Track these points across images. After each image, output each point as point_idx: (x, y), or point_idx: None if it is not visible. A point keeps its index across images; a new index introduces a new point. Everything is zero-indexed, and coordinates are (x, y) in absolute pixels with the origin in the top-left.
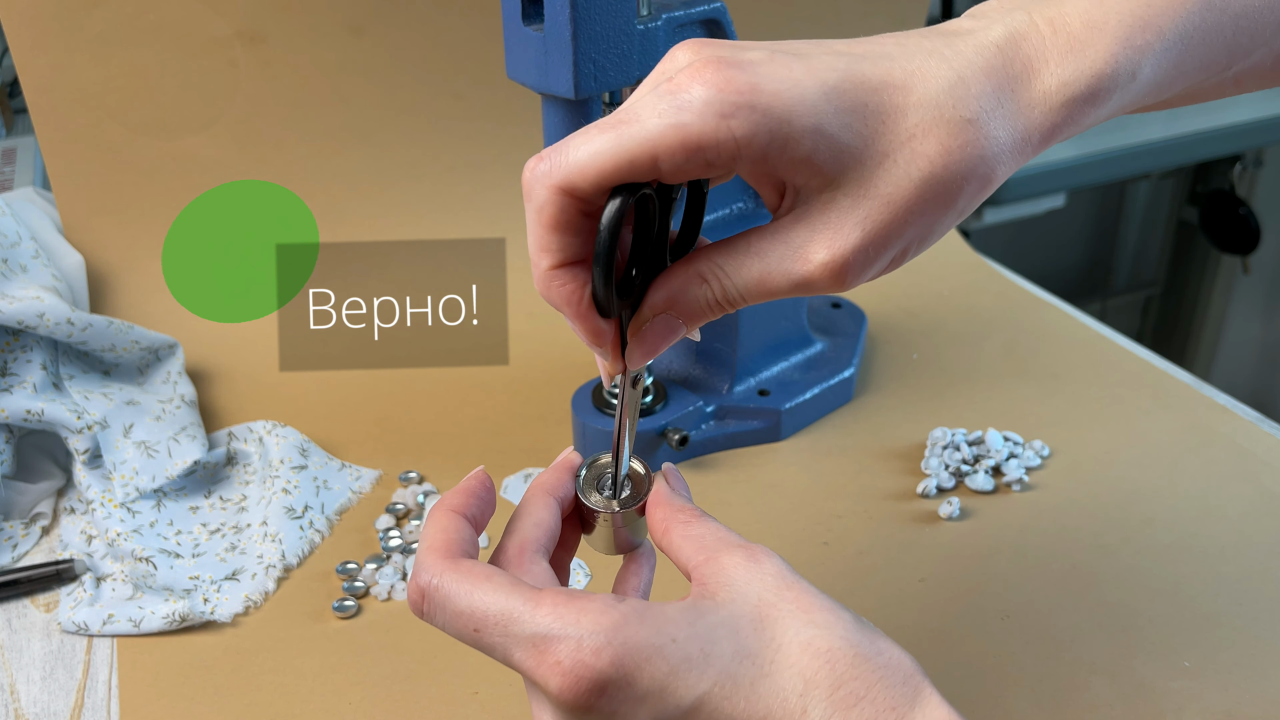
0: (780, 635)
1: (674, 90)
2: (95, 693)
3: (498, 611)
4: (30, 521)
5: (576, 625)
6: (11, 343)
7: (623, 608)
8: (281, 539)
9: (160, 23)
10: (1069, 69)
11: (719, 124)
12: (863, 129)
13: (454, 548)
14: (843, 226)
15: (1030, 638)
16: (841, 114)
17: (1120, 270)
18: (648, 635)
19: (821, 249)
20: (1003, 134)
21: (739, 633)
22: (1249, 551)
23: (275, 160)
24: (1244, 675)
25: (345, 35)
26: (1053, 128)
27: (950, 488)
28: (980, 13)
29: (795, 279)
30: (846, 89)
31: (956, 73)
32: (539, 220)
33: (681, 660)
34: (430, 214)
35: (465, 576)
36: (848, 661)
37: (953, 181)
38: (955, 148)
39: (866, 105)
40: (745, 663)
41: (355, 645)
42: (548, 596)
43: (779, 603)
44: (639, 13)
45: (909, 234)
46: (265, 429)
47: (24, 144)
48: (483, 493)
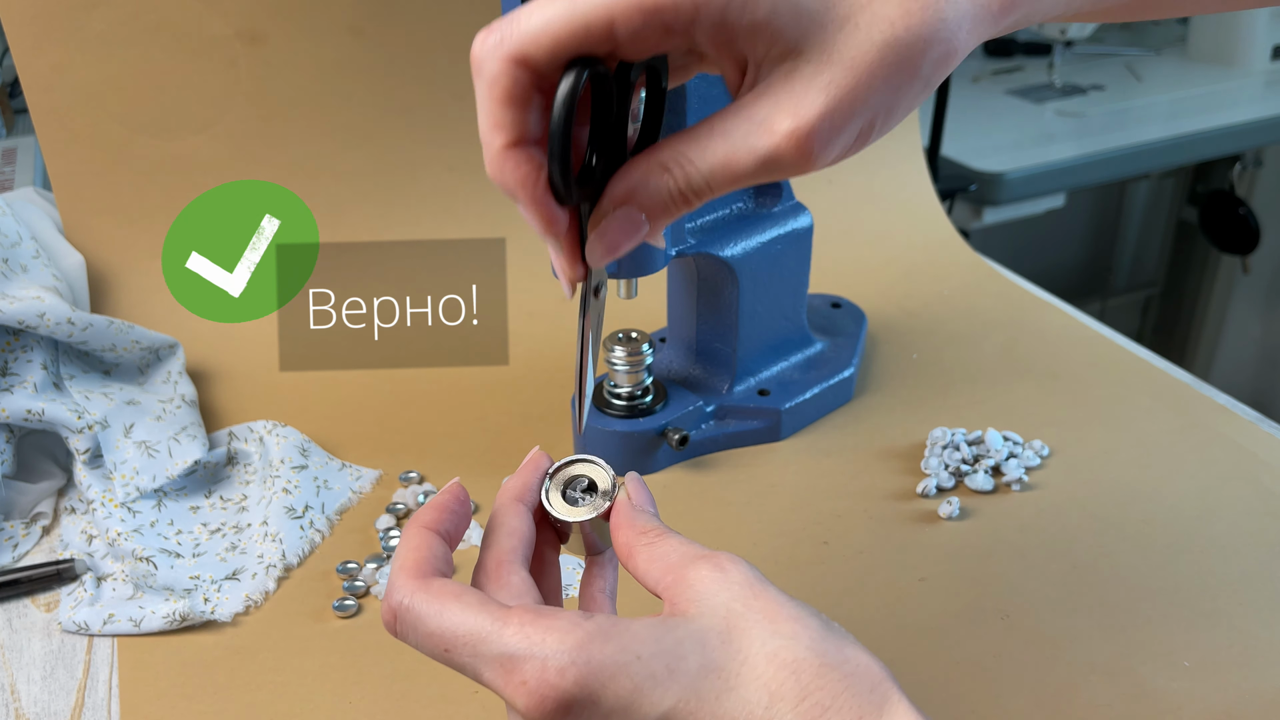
0: (747, 647)
1: None
2: (96, 692)
3: (466, 632)
4: (31, 521)
5: (542, 645)
6: (12, 342)
7: (588, 626)
8: (282, 539)
9: (160, 23)
10: None
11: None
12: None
13: (425, 566)
14: (806, 94)
15: (1030, 638)
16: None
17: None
18: (612, 653)
19: (785, 118)
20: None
21: (706, 646)
22: (1248, 551)
23: (275, 160)
24: (1243, 675)
25: (345, 35)
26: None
27: (950, 487)
28: None
29: (760, 154)
30: None
31: None
32: (491, 95)
33: (646, 677)
34: (430, 214)
35: (435, 597)
36: (813, 672)
37: (915, 44)
38: (915, 9)
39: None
40: (711, 677)
41: (355, 645)
42: (515, 616)
43: (746, 613)
44: None
45: (874, 102)
46: (266, 429)
47: (24, 144)
48: (456, 507)
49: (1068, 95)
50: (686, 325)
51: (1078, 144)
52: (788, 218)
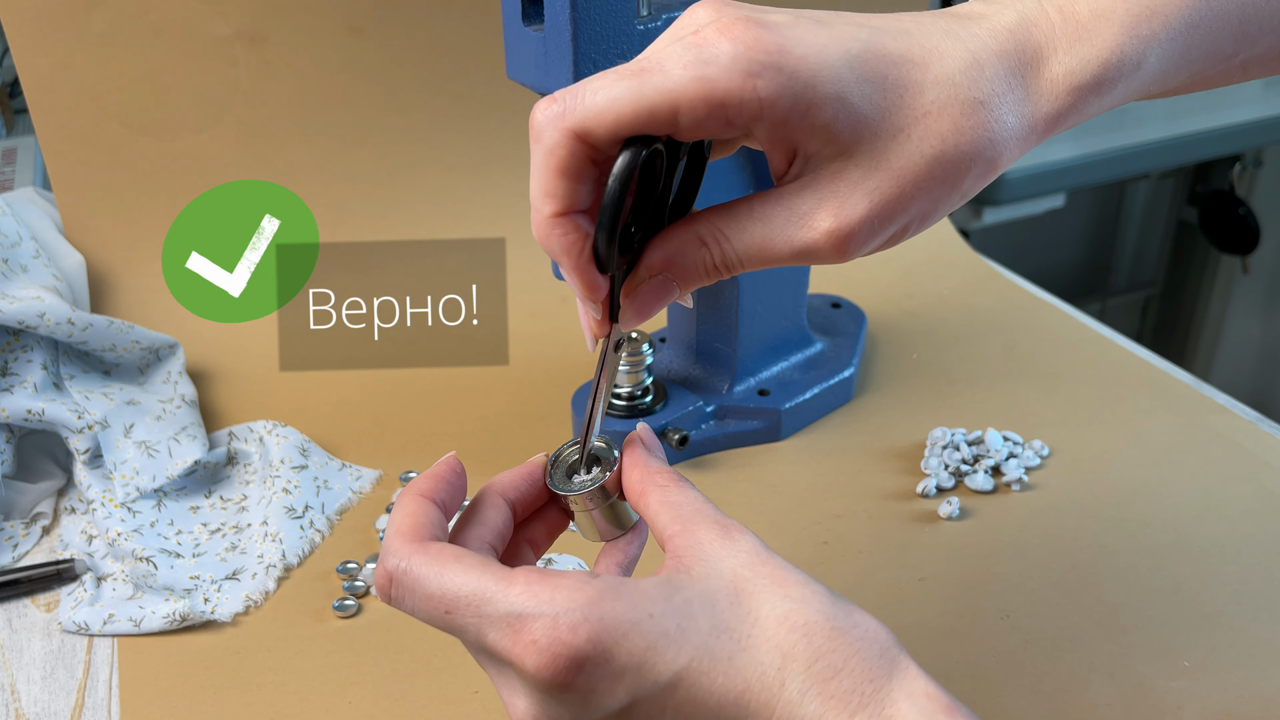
0: (757, 609)
1: (700, 44)
2: (96, 692)
3: (469, 592)
4: (31, 521)
5: (551, 603)
6: (12, 343)
7: (597, 584)
8: (282, 539)
9: (161, 23)
10: (1076, 57)
11: (745, 81)
12: (881, 101)
13: (422, 531)
14: (851, 196)
15: (1030, 637)
16: (863, 84)
17: (1120, 270)
18: (624, 610)
19: (828, 217)
20: (1011, 119)
21: (715, 607)
22: (1248, 551)
23: (275, 160)
24: (1243, 675)
25: (346, 35)
26: (1058, 115)
27: (950, 487)
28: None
29: (798, 246)
30: (869, 59)
31: (972, 54)
32: (547, 164)
33: (659, 635)
34: (430, 214)
35: (435, 559)
36: (824, 634)
37: (961, 161)
38: (967, 128)
39: (886, 78)
40: (722, 637)
41: (355, 644)
42: (520, 575)
43: (754, 577)
44: (639, 13)
45: (913, 210)
46: (266, 429)
47: (24, 144)
48: (452, 478)
49: None
50: (686, 325)
51: (1077, 144)
52: None
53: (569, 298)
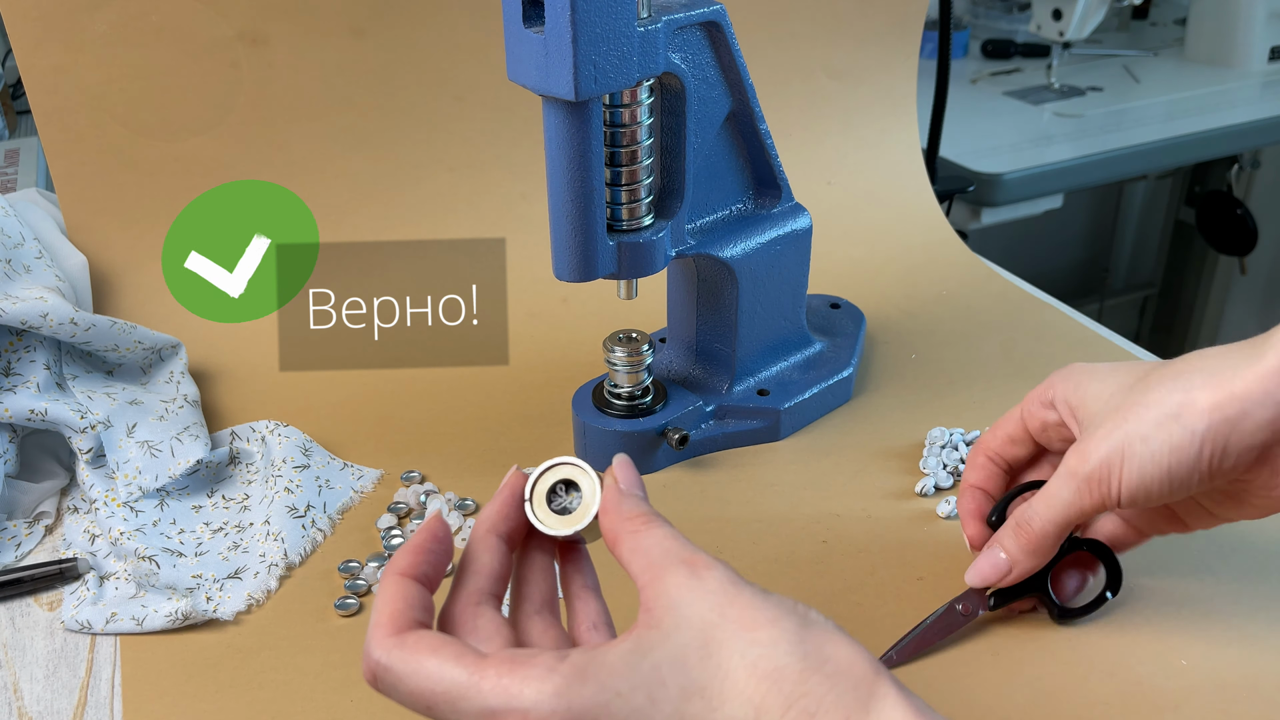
0: (726, 661)
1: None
2: (98, 691)
3: (444, 690)
4: (34, 520)
5: (520, 698)
6: (15, 343)
7: (564, 669)
8: (284, 538)
9: (163, 24)
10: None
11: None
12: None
13: (400, 620)
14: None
15: (1029, 636)
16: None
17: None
18: (591, 694)
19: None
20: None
21: (685, 666)
22: (1246, 550)
23: (277, 161)
24: (1242, 674)
25: (347, 37)
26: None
27: (948, 487)
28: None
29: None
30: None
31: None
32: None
33: (630, 713)
34: (431, 214)
35: (411, 654)
36: (795, 678)
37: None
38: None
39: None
40: (694, 700)
41: (357, 643)
42: (491, 667)
43: (722, 623)
44: (639, 15)
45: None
46: (268, 428)
47: (27, 145)
48: (433, 545)
49: (1066, 97)
50: (686, 325)
51: (1076, 145)
52: (787, 218)
53: (569, 297)
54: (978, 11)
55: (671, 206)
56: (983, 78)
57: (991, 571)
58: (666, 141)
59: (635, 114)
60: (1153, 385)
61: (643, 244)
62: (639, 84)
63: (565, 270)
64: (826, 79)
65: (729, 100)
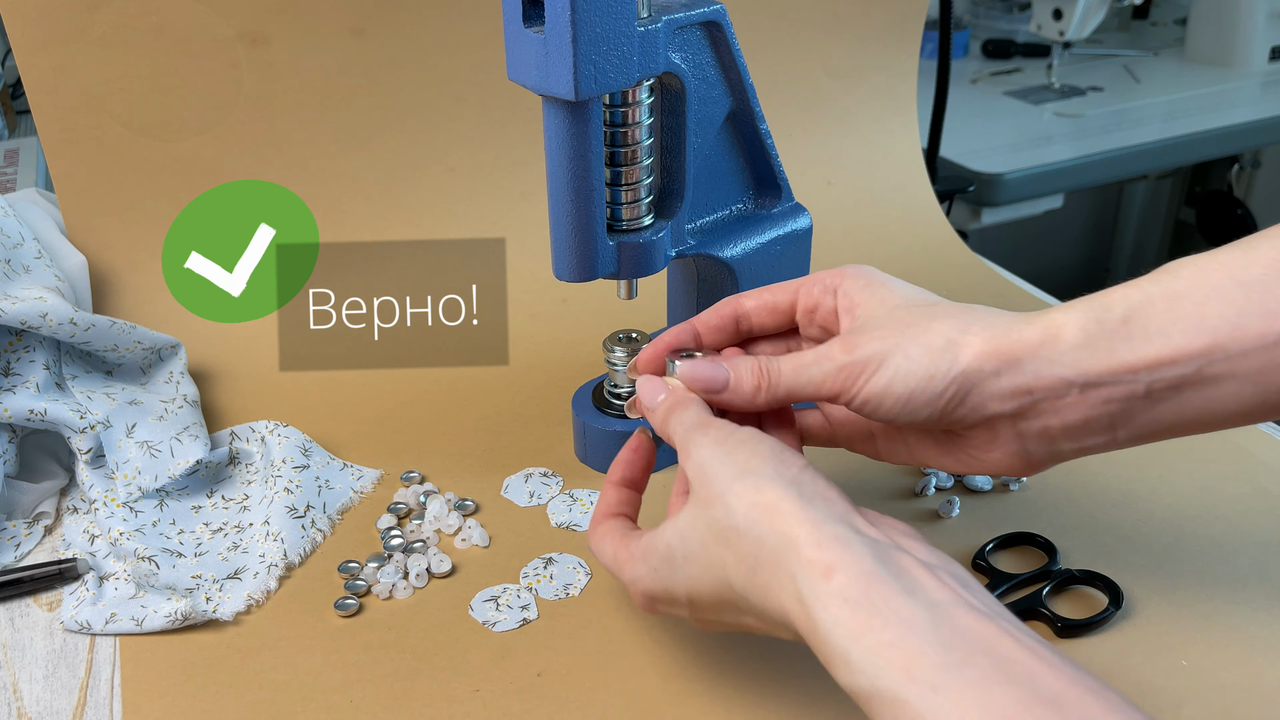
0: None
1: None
2: (98, 691)
3: (609, 563)
4: (33, 521)
5: (630, 573)
6: (14, 343)
7: (634, 557)
8: (283, 538)
9: (162, 24)
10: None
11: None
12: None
13: (599, 515)
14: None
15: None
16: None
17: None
18: (643, 571)
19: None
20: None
21: (685, 540)
22: (1246, 550)
23: (277, 161)
24: (1241, 674)
25: (347, 37)
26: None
27: (949, 486)
28: None
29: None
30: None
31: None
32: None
33: (657, 582)
34: (430, 214)
35: (595, 541)
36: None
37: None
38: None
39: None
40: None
41: (357, 643)
42: (624, 550)
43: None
44: (639, 14)
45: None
46: (267, 429)
47: (26, 145)
48: (631, 456)
49: (1066, 97)
50: None
51: (1076, 145)
52: (787, 219)
53: (569, 297)
54: (978, 11)
55: (671, 206)
56: (983, 78)
57: (708, 376)
58: (666, 141)
59: (635, 114)
60: (939, 315)
61: (643, 244)
62: (639, 84)
63: (565, 270)
64: (826, 79)
65: (729, 100)
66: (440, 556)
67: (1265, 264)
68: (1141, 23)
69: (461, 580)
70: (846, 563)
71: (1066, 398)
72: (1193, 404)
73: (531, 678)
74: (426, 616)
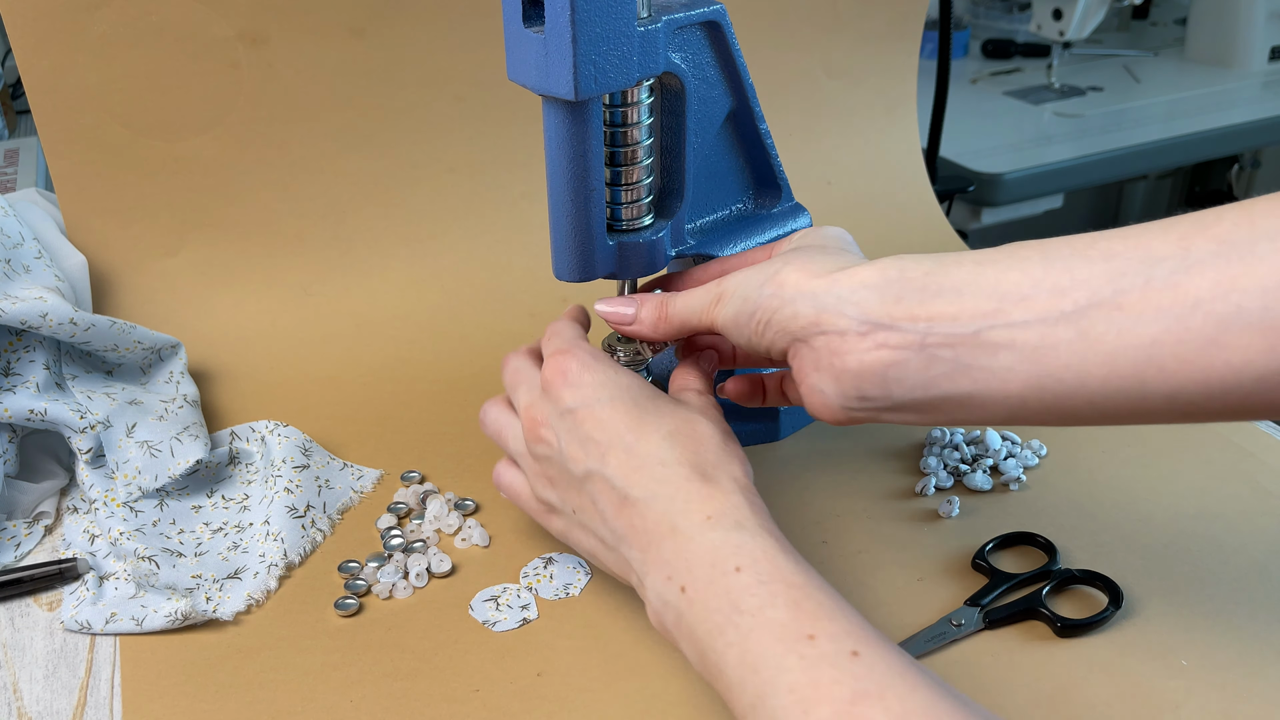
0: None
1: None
2: (98, 691)
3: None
4: (33, 520)
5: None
6: (15, 343)
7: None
8: (284, 538)
9: (162, 24)
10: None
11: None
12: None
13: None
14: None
15: (1029, 636)
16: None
17: None
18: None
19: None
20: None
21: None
22: (1246, 551)
23: (277, 161)
24: (1241, 674)
25: (347, 37)
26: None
27: (948, 487)
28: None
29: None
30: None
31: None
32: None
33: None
34: (431, 214)
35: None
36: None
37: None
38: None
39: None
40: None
41: (357, 643)
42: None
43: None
44: (639, 15)
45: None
46: (267, 428)
47: (26, 145)
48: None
49: (1066, 97)
50: None
51: (1076, 145)
52: (787, 218)
53: (569, 298)
54: (978, 11)
55: (671, 206)
56: (983, 78)
57: (619, 310)
58: (666, 141)
59: (635, 114)
60: (785, 253)
61: (643, 244)
62: (639, 84)
63: (565, 270)
64: (826, 79)
65: (729, 100)
66: (440, 556)
67: (1076, 246)
68: (1141, 23)
69: (461, 580)
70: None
71: (847, 335)
72: (968, 373)
73: (531, 678)
74: (426, 616)
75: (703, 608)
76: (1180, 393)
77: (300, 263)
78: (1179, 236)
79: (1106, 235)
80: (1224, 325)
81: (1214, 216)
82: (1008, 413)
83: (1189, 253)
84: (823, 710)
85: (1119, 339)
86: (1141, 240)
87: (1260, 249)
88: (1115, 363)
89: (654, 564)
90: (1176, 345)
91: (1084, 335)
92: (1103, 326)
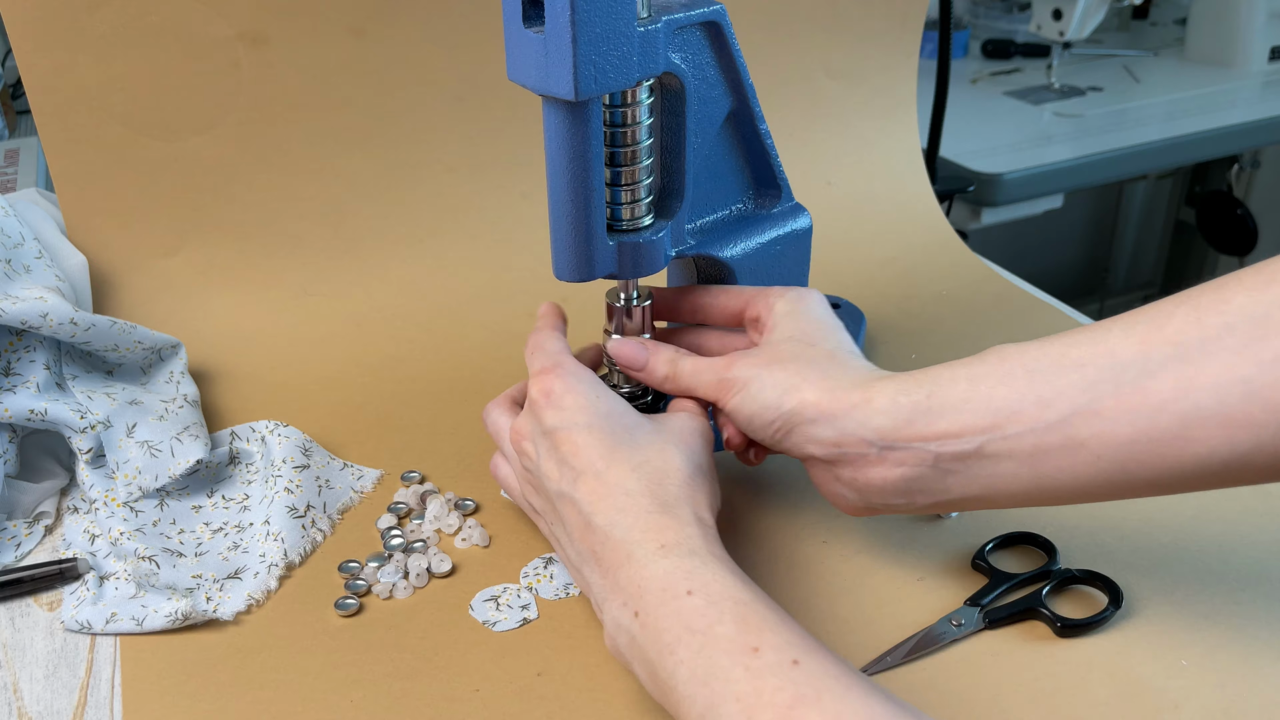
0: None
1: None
2: (98, 691)
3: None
4: (34, 520)
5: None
6: (15, 343)
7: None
8: (284, 538)
9: (163, 24)
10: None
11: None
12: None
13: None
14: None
15: (1028, 636)
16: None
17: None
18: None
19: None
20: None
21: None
22: (1246, 551)
23: (277, 161)
24: (1241, 674)
25: (347, 37)
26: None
27: None
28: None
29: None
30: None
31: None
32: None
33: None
34: (430, 214)
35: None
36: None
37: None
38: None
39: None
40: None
41: (357, 643)
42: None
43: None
44: (639, 15)
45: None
46: (267, 428)
47: (27, 145)
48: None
49: (1066, 97)
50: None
51: (1076, 145)
52: (787, 218)
53: (569, 298)
54: (978, 11)
55: (671, 206)
56: (983, 78)
57: (630, 354)
58: (666, 141)
59: (635, 114)
60: (809, 360)
61: (643, 244)
62: (639, 84)
63: (565, 270)
64: (826, 79)
65: (729, 100)
66: (440, 556)
67: (1053, 356)
68: (1141, 23)
69: (461, 580)
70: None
71: (867, 456)
72: (978, 479)
73: (531, 678)
74: (426, 616)
75: (654, 630)
76: (1160, 479)
77: (299, 263)
78: (1139, 341)
79: (1075, 340)
80: (1187, 422)
81: (1165, 315)
82: (1015, 503)
83: (1149, 357)
84: (765, 715)
85: (1101, 441)
86: (1106, 345)
87: (1209, 348)
88: (1100, 461)
89: (611, 589)
90: (1150, 443)
91: (1070, 440)
92: (1085, 431)
